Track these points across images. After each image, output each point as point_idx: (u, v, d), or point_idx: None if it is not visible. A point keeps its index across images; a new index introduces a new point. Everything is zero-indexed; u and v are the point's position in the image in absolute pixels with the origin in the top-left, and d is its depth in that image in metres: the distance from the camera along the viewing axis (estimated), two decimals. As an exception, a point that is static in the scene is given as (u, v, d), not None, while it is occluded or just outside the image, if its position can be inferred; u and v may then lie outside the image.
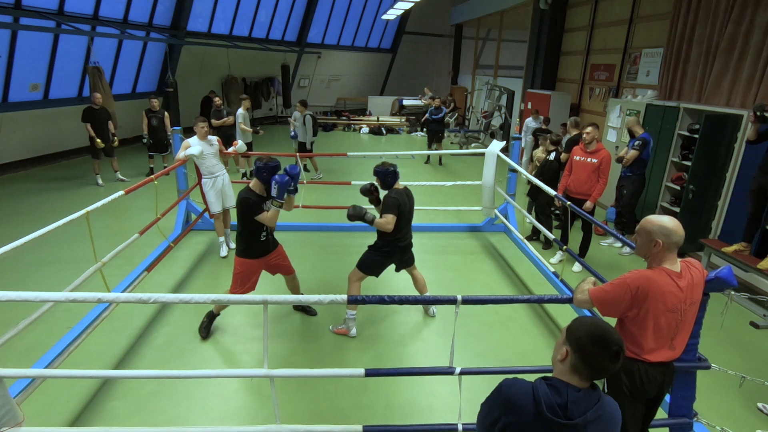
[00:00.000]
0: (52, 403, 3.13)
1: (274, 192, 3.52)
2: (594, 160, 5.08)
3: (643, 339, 2.13)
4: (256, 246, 3.75)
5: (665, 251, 2.08)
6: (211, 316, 4.01)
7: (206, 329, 3.96)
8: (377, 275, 4.08)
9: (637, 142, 5.60)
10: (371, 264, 4.01)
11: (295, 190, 3.73)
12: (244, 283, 3.79)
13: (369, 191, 4.07)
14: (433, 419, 3.08)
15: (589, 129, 5.09)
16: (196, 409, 3.14)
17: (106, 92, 9.35)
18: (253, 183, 3.66)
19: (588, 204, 5.07)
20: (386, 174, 3.89)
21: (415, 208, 7.09)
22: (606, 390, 2.32)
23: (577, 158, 5.22)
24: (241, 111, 8.60)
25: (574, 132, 6.28)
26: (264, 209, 3.58)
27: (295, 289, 4.24)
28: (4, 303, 2.24)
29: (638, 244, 2.18)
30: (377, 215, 3.87)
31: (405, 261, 4.19)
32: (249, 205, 3.55)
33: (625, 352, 1.46)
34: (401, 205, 3.81)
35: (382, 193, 3.98)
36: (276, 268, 4.03)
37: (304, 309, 4.43)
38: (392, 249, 3.99)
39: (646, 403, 2.29)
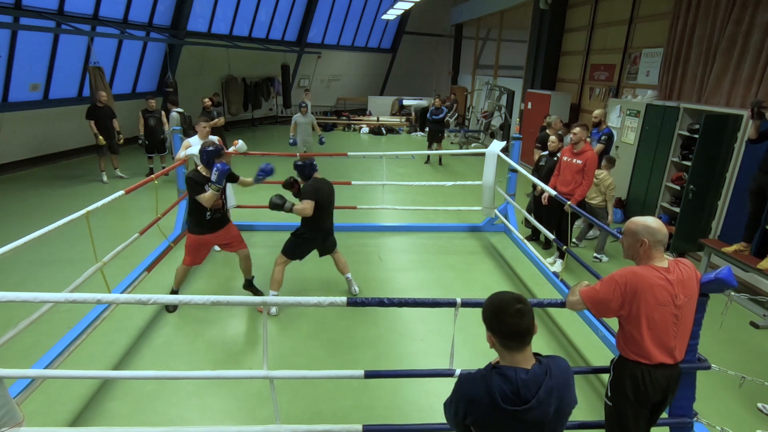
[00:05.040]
0: (52, 403, 3.13)
1: (214, 177, 3.89)
2: (579, 161, 5.06)
3: (641, 338, 2.13)
4: (202, 223, 4.11)
5: (651, 249, 2.12)
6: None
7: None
8: (300, 258, 4.43)
9: (603, 137, 6.11)
10: (293, 248, 4.34)
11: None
12: (191, 254, 4.22)
13: (290, 185, 4.32)
14: (433, 420, 3.08)
15: (576, 130, 5.06)
16: (196, 409, 3.14)
17: (106, 92, 9.37)
18: (201, 166, 4.08)
19: (567, 207, 4.98)
20: (303, 167, 4.25)
21: (416, 208, 7.19)
22: (610, 394, 2.31)
23: (565, 159, 5.22)
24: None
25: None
26: (205, 190, 3.91)
27: (246, 269, 4.53)
28: (3, 303, 2.24)
29: (625, 246, 2.22)
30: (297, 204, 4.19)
31: (327, 247, 4.49)
32: (191, 184, 3.95)
33: (527, 303, 1.53)
34: (318, 192, 4.14)
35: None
36: (226, 245, 4.42)
37: (253, 288, 4.66)
38: (313, 234, 4.34)
39: (650, 408, 2.29)
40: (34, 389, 2.78)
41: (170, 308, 4.34)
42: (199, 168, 4.07)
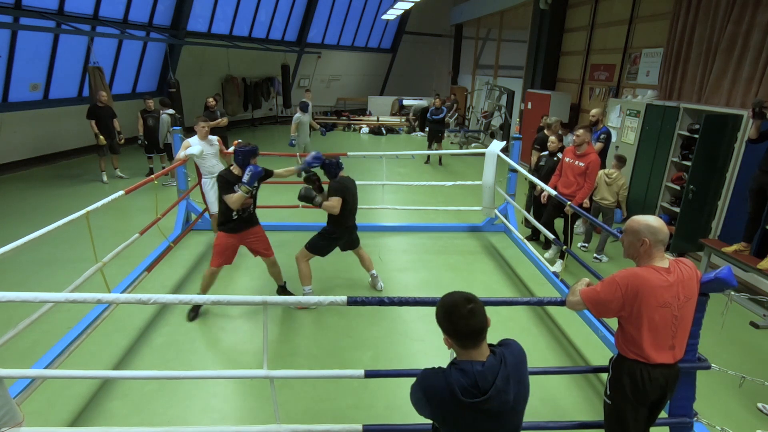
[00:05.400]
0: (52, 403, 3.13)
1: (245, 178, 3.83)
2: (581, 164, 5.05)
3: (640, 338, 2.13)
4: (230, 222, 4.06)
5: (652, 249, 2.11)
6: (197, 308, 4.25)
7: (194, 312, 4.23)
8: (323, 256, 4.48)
9: (602, 135, 6.24)
10: (320, 247, 4.42)
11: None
12: (220, 254, 4.10)
13: (312, 180, 4.39)
14: (433, 419, 3.07)
15: (580, 132, 5.05)
16: (196, 409, 3.14)
17: (106, 92, 9.37)
18: (234, 165, 4.01)
19: (567, 208, 4.96)
20: (331, 165, 4.36)
21: (416, 208, 7.19)
22: (609, 393, 2.31)
23: (567, 160, 5.20)
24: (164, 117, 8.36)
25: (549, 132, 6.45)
26: (234, 191, 3.84)
27: (275, 275, 4.51)
28: (4, 303, 2.24)
29: (625, 245, 2.21)
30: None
31: (351, 243, 4.62)
32: (222, 182, 3.91)
33: (478, 301, 1.58)
34: (346, 190, 4.22)
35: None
36: (253, 250, 4.31)
37: (287, 293, 4.60)
38: (340, 233, 4.42)
39: (649, 407, 2.29)
40: (34, 389, 2.78)
41: (191, 315, 4.18)
42: (232, 167, 4.01)
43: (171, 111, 8.57)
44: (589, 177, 5.04)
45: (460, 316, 1.54)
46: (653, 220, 2.13)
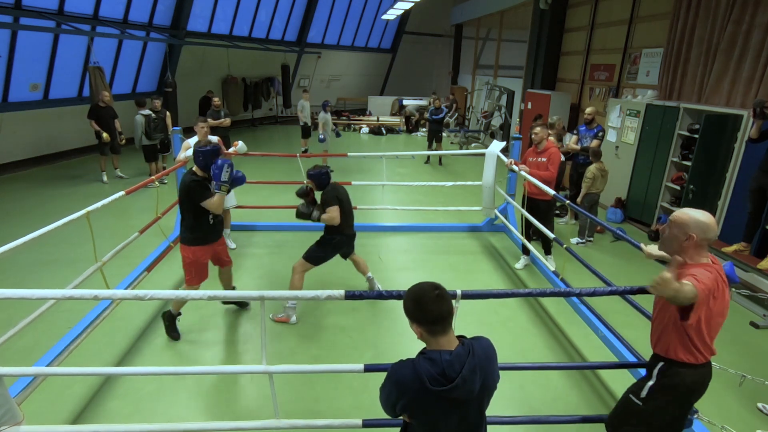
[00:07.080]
0: (52, 403, 3.13)
1: (224, 176, 3.50)
2: (543, 159, 5.06)
3: (702, 337, 2.02)
4: (207, 231, 3.73)
5: (698, 247, 1.98)
6: (171, 317, 3.90)
7: (173, 330, 3.90)
8: (319, 264, 4.21)
9: (600, 133, 6.48)
10: (319, 255, 4.18)
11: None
12: (197, 271, 3.77)
13: (306, 193, 4.18)
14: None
15: (537, 130, 5.06)
16: (197, 410, 3.14)
17: (107, 92, 9.37)
18: (195, 168, 3.69)
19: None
20: (320, 175, 4.07)
21: (416, 208, 7.20)
22: (645, 396, 2.19)
23: (531, 159, 5.21)
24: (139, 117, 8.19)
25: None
26: (212, 193, 3.57)
27: (228, 282, 4.21)
28: (4, 302, 2.24)
29: (667, 236, 2.04)
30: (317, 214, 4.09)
31: (349, 250, 4.43)
32: (197, 189, 3.54)
33: (443, 288, 1.62)
34: (339, 196, 4.06)
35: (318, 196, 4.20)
36: (218, 254, 3.97)
37: (238, 303, 4.40)
38: (341, 239, 4.21)
39: None
40: (34, 388, 2.78)
41: (174, 334, 3.89)
42: (194, 169, 3.68)
43: (146, 111, 8.26)
44: (551, 165, 5.00)
45: (428, 301, 1.59)
46: (702, 216, 1.98)
